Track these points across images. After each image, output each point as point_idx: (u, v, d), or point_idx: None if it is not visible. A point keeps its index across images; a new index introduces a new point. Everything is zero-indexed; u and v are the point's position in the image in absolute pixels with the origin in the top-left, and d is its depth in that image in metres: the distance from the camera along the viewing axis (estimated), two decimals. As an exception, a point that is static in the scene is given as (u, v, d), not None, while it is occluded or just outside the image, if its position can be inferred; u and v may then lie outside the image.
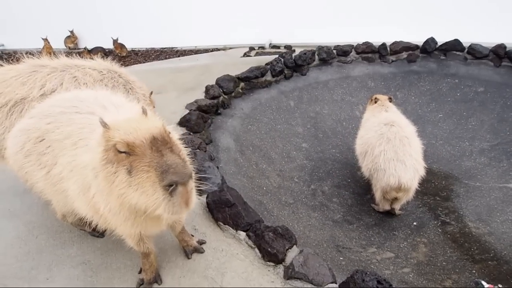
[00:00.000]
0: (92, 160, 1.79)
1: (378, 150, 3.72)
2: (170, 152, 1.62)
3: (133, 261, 2.61)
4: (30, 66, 3.06)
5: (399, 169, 3.59)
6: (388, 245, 3.51)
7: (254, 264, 2.48)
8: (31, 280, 2.57)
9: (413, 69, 5.76)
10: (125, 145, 1.62)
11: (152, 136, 1.63)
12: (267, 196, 3.83)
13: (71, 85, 3.02)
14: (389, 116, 4.09)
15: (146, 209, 1.65)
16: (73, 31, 7.53)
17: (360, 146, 4.08)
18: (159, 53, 7.65)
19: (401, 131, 3.84)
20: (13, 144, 2.35)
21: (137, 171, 1.60)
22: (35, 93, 2.93)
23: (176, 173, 1.54)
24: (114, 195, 1.71)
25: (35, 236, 2.93)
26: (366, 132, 4.06)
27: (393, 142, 3.72)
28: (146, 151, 1.60)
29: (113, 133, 1.66)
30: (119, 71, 3.43)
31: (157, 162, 1.57)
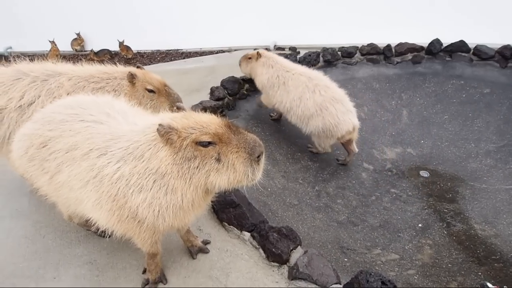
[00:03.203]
0: (151, 167, 1.90)
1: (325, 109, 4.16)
2: (245, 131, 1.92)
3: (138, 261, 2.64)
4: (15, 73, 3.03)
5: (347, 115, 4.15)
6: (393, 247, 3.50)
7: (258, 264, 2.49)
8: (39, 279, 2.61)
9: (418, 70, 5.75)
10: (212, 136, 1.83)
11: (225, 123, 1.89)
12: (272, 197, 3.83)
13: (48, 98, 2.99)
14: (300, 73, 4.43)
15: (232, 186, 1.91)
16: (79, 33, 7.60)
17: (300, 111, 4.34)
18: (164, 55, 7.70)
19: (315, 79, 4.32)
20: (18, 147, 2.38)
21: (226, 156, 1.84)
22: (13, 104, 2.92)
23: (260, 145, 1.87)
24: (191, 187, 1.89)
25: (43, 236, 2.97)
26: (293, 97, 4.37)
27: (327, 96, 4.19)
28: (231, 137, 1.85)
29: (188, 131, 1.83)
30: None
31: (244, 141, 1.85)
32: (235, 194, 2.85)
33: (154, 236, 2.22)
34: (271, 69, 4.57)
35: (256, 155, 1.84)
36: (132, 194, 1.93)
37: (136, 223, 2.06)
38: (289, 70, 4.47)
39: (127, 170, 1.92)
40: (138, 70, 3.32)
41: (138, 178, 1.91)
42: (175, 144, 1.83)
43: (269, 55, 4.67)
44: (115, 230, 2.17)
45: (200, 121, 1.87)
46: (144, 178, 1.90)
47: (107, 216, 2.08)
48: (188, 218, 2.13)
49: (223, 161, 1.84)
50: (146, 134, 1.94)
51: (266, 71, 4.60)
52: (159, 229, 2.12)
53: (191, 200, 1.95)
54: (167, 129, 1.80)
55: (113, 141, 2.02)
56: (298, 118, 4.39)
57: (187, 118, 1.89)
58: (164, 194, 1.90)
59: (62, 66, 3.26)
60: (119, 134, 2.04)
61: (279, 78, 4.48)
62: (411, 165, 4.69)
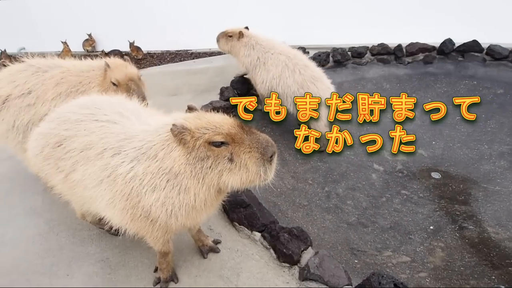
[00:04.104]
0: (164, 167, 1.91)
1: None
2: (257, 131, 1.93)
3: (150, 260, 2.67)
4: (23, 65, 3.31)
5: (327, 92, 4.23)
6: (404, 249, 3.46)
7: (269, 264, 2.49)
8: (52, 276, 2.65)
9: (429, 70, 5.68)
10: (224, 136, 1.84)
11: (238, 123, 1.91)
12: (281, 198, 3.83)
13: (42, 86, 3.22)
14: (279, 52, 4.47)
15: (244, 186, 1.92)
16: (91, 34, 7.71)
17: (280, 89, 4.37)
18: (174, 56, 7.76)
19: (294, 59, 4.38)
20: (33, 146, 2.43)
21: (239, 156, 1.85)
22: (17, 91, 3.17)
23: (272, 145, 1.87)
24: (204, 187, 1.91)
25: (56, 234, 3.01)
26: (273, 75, 4.41)
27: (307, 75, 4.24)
28: (244, 137, 1.86)
29: (200, 132, 1.84)
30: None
31: (257, 142, 1.85)
32: (246, 194, 2.86)
33: (166, 235, 2.24)
34: (252, 51, 4.59)
35: (268, 155, 1.85)
36: (145, 193, 1.95)
37: (148, 222, 2.08)
38: (268, 50, 4.51)
39: (140, 169, 1.94)
40: (113, 61, 3.33)
41: (151, 178, 1.93)
42: (188, 144, 1.85)
43: (251, 35, 4.67)
44: (128, 228, 2.20)
45: (213, 121, 1.87)
46: (157, 178, 1.92)
47: (120, 215, 2.11)
48: (201, 218, 2.15)
49: (236, 161, 1.85)
50: (159, 134, 1.95)
51: (248, 53, 4.62)
52: (171, 228, 2.13)
53: (204, 199, 1.96)
54: (181, 129, 1.82)
55: (127, 141, 2.05)
56: (280, 96, 4.39)
57: (200, 118, 1.90)
58: (177, 194, 1.92)
59: (65, 61, 3.44)
60: (133, 134, 2.06)
61: (259, 60, 4.53)
62: (422, 167, 4.63)
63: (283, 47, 4.54)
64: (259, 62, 4.53)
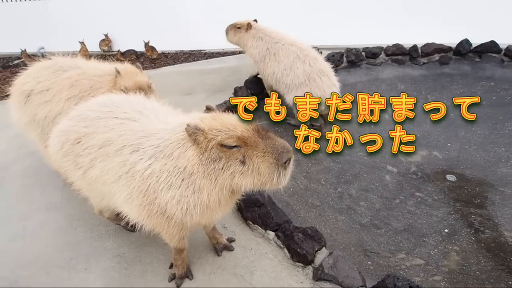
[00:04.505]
0: (179, 165, 1.94)
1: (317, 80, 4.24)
2: (274, 136, 1.92)
3: (165, 256, 2.71)
4: (48, 63, 3.46)
5: (331, 88, 4.27)
6: (417, 252, 3.43)
7: (283, 264, 2.51)
8: (71, 269, 2.73)
9: (445, 71, 5.59)
10: (236, 140, 1.84)
11: (253, 127, 1.90)
12: (294, 198, 3.84)
13: (59, 85, 3.33)
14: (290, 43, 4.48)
15: (257, 189, 1.94)
16: (107, 34, 7.86)
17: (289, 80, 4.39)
18: (187, 55, 7.83)
19: (305, 50, 4.41)
20: (54, 143, 2.50)
21: (251, 159, 1.85)
22: (40, 87, 3.33)
23: (288, 151, 1.87)
24: (217, 188, 1.93)
25: (75, 228, 3.10)
26: (284, 66, 4.41)
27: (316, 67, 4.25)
28: (258, 141, 1.86)
29: (213, 133, 1.86)
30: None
31: (272, 146, 1.85)
32: (260, 193, 2.88)
33: (181, 232, 2.28)
34: (261, 42, 4.61)
35: (283, 160, 1.84)
36: (161, 190, 1.98)
37: (164, 218, 2.12)
38: (278, 41, 4.53)
39: (157, 167, 1.98)
40: (124, 68, 3.37)
41: (167, 176, 1.96)
42: (202, 144, 1.87)
43: (259, 27, 4.70)
44: (145, 224, 2.24)
45: (227, 123, 1.88)
46: (173, 176, 1.95)
47: (137, 211, 2.15)
48: (216, 216, 2.17)
49: (248, 164, 1.85)
50: (176, 133, 1.99)
51: (256, 44, 4.64)
52: (186, 225, 2.17)
53: (217, 199, 1.98)
54: (194, 130, 1.84)
55: (146, 138, 2.09)
56: (286, 87, 4.44)
57: (215, 119, 1.92)
58: (191, 193, 1.95)
59: (84, 62, 3.56)
60: (152, 132, 2.10)
61: (269, 50, 4.54)
62: (437, 169, 4.57)
63: (293, 38, 4.58)
64: (268, 53, 4.55)
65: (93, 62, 3.61)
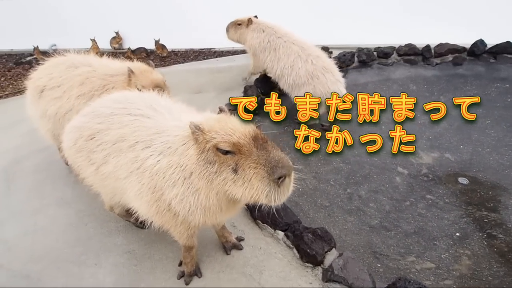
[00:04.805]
0: (181, 163, 1.90)
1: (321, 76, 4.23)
2: (273, 148, 1.77)
3: (174, 253, 2.72)
4: (61, 59, 3.51)
5: (336, 84, 4.26)
6: (428, 255, 3.38)
7: (292, 264, 2.50)
8: (81, 264, 2.75)
9: (459, 72, 5.50)
10: (230, 145, 1.73)
11: (253, 135, 1.77)
12: (303, 198, 3.82)
13: (70, 82, 3.36)
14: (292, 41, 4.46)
15: (249, 201, 1.80)
16: (118, 32, 7.93)
17: (291, 80, 4.36)
18: (197, 54, 7.85)
19: (307, 49, 4.37)
20: (68, 139, 2.53)
21: (243, 169, 1.73)
22: (52, 83, 3.36)
23: (284, 167, 1.69)
24: (213, 192, 1.85)
25: (85, 224, 3.13)
26: (284, 65, 4.39)
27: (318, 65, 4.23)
28: (252, 150, 1.73)
29: (211, 135, 1.79)
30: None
31: (265, 159, 1.71)
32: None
33: (189, 230, 2.27)
34: (262, 33, 4.63)
35: (275, 176, 1.68)
36: (167, 188, 1.98)
37: (172, 216, 2.11)
38: (280, 36, 4.53)
39: (164, 163, 1.97)
40: (137, 67, 3.34)
41: (171, 173, 1.95)
42: (201, 145, 1.83)
43: (260, 21, 4.73)
44: (154, 221, 2.25)
45: (227, 127, 1.80)
46: (176, 174, 1.93)
47: (146, 207, 2.16)
48: (220, 219, 2.14)
49: (240, 173, 1.75)
50: (184, 130, 1.97)
51: (257, 35, 4.66)
52: (193, 224, 2.14)
53: (216, 203, 1.92)
54: (194, 129, 1.81)
55: (158, 135, 2.09)
56: (290, 86, 4.43)
57: (218, 121, 1.86)
58: (191, 193, 1.92)
59: (96, 60, 3.57)
60: (164, 129, 2.10)
61: (270, 44, 4.55)
62: (449, 171, 4.50)
63: (296, 36, 4.56)
64: (269, 45, 4.56)
65: (105, 60, 3.61)
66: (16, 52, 8.33)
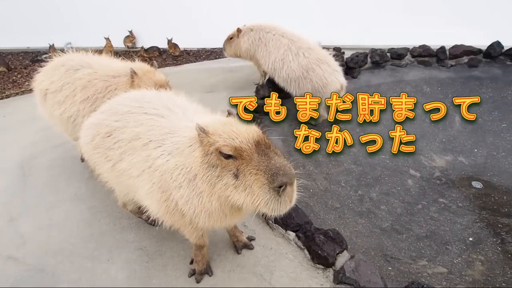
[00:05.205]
0: (186, 165, 1.89)
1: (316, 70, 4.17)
2: (275, 154, 1.70)
3: (185, 251, 2.74)
4: (61, 60, 3.52)
5: (333, 75, 4.19)
6: (440, 260, 3.33)
7: (303, 265, 2.49)
8: (94, 260, 2.80)
9: (474, 74, 5.40)
10: (232, 150, 1.69)
11: (256, 140, 1.71)
12: (314, 199, 3.81)
13: (73, 86, 3.37)
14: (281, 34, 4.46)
15: (251, 208, 1.74)
16: (131, 31, 8.01)
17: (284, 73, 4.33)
18: (209, 53, 7.89)
19: (297, 42, 4.32)
20: (85, 135, 2.57)
21: (244, 175, 1.68)
22: (53, 87, 3.40)
23: (285, 174, 1.61)
24: (215, 196, 1.82)
25: (98, 220, 3.18)
26: (275, 58, 4.37)
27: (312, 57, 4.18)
28: (253, 155, 1.68)
29: (214, 138, 1.76)
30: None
31: (266, 165, 1.64)
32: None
33: (199, 230, 2.27)
34: (251, 33, 4.66)
35: (275, 184, 1.61)
36: (173, 188, 1.98)
37: (180, 216, 2.11)
38: (269, 31, 4.53)
39: (172, 163, 1.97)
40: (140, 68, 3.30)
41: (178, 174, 1.94)
42: (205, 147, 1.81)
43: (248, 25, 4.77)
44: (164, 220, 2.26)
45: (231, 131, 1.75)
46: (181, 175, 1.93)
47: (156, 206, 2.17)
48: (224, 224, 2.11)
49: (241, 179, 1.70)
50: (193, 131, 1.94)
51: (247, 37, 4.70)
52: (199, 226, 2.14)
53: (219, 208, 1.90)
54: (199, 131, 1.80)
55: (170, 135, 2.11)
56: (284, 80, 4.40)
57: (224, 125, 1.83)
58: (196, 196, 1.91)
59: (95, 60, 3.54)
60: (176, 129, 2.12)
61: (260, 40, 4.57)
62: (463, 175, 4.43)
63: (285, 29, 4.54)
64: (260, 42, 4.58)
65: (104, 59, 3.60)
66: (32, 50, 8.50)
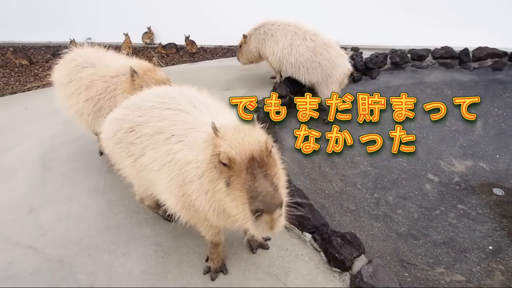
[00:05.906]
0: (198, 160, 1.90)
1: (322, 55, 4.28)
2: (264, 177, 1.61)
3: (201, 248, 2.75)
4: (72, 55, 3.61)
5: (340, 58, 4.31)
6: (458, 267, 3.25)
7: (319, 267, 2.46)
8: (111, 253, 2.83)
9: (498, 78, 5.24)
10: (226, 159, 1.69)
11: (251, 156, 1.65)
12: (329, 200, 3.77)
13: (77, 84, 3.44)
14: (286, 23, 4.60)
15: (237, 220, 1.72)
16: (150, 28, 8.08)
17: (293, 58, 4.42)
18: (226, 51, 7.89)
19: (303, 28, 4.46)
20: (107, 130, 2.60)
21: (232, 186, 1.67)
22: (63, 81, 3.51)
23: (263, 201, 1.54)
24: (216, 197, 1.84)
25: (115, 214, 3.22)
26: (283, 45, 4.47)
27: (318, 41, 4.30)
28: (242, 172, 1.64)
29: (219, 141, 1.76)
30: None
31: (249, 186, 1.59)
32: (297, 194, 2.84)
33: (215, 227, 2.27)
34: (256, 30, 4.77)
35: (251, 207, 1.56)
36: (188, 182, 1.98)
37: (195, 211, 2.11)
38: (273, 23, 4.64)
39: (189, 157, 1.98)
40: (140, 66, 3.24)
41: (192, 168, 1.95)
42: (214, 148, 1.81)
43: (252, 27, 4.89)
44: (181, 215, 2.27)
45: (236, 138, 1.72)
46: (193, 169, 1.94)
47: (174, 201, 2.18)
48: (230, 226, 2.07)
49: (230, 189, 1.70)
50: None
51: (254, 36, 4.80)
52: (213, 224, 2.13)
53: (221, 209, 1.89)
54: (213, 130, 1.80)
55: (192, 130, 2.11)
56: (293, 66, 4.45)
57: (234, 129, 1.79)
58: (204, 193, 1.91)
59: (100, 57, 3.58)
60: (199, 124, 2.12)
61: (266, 32, 4.65)
62: (483, 181, 4.31)
63: (290, 20, 4.64)
64: (266, 35, 4.65)
65: (108, 57, 3.64)
66: (53, 44, 8.66)
